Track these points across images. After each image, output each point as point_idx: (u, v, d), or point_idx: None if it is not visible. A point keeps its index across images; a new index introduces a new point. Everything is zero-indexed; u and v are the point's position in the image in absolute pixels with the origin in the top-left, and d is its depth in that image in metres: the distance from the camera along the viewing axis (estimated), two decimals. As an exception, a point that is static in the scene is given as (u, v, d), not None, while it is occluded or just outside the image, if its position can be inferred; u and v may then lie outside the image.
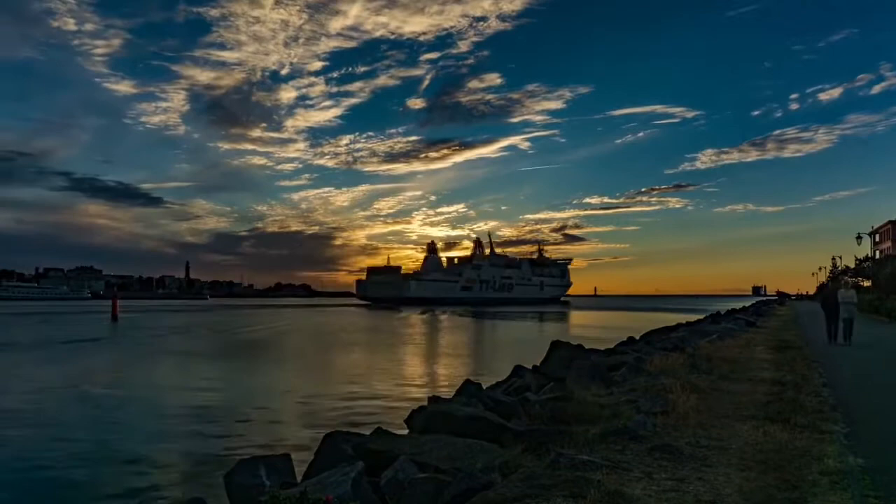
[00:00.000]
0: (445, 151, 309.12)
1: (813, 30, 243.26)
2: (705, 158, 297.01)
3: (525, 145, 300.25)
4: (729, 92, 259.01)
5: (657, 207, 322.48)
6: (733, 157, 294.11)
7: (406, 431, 8.81)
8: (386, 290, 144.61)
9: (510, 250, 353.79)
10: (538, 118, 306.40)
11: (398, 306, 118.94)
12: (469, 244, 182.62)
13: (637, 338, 25.43)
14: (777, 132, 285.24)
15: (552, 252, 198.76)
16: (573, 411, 8.25)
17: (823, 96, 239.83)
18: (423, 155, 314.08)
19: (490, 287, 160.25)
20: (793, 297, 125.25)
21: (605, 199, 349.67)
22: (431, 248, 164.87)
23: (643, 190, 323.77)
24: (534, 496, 4.77)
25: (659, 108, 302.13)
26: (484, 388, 12.64)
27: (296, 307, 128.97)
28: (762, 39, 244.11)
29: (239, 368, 26.97)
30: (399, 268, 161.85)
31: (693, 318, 45.15)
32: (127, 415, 16.25)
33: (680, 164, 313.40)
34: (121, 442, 13.09)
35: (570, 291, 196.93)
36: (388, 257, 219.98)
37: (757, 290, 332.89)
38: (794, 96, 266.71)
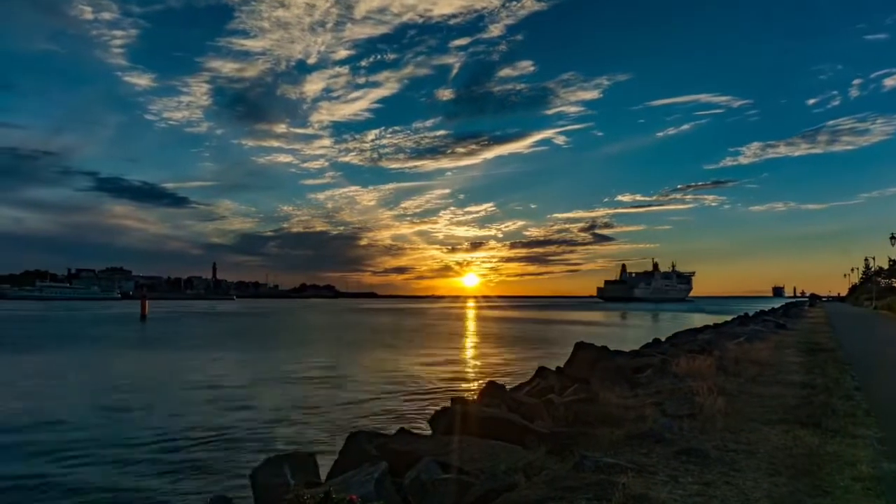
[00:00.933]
0: (474, 146, 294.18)
1: (879, 6, 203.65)
2: (749, 153, 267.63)
3: (558, 140, 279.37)
4: (781, 78, 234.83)
5: (691, 206, 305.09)
6: (780, 150, 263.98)
7: (429, 432, 8.82)
8: (619, 292, 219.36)
9: (536, 250, 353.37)
10: (572, 109, 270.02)
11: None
12: (496, 244, 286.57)
13: (662, 339, 25.12)
14: (831, 122, 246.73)
15: (581, 251, 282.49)
16: (597, 413, 8.18)
17: (889, 81, 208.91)
18: (451, 150, 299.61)
19: (658, 292, 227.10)
20: (823, 299, 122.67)
21: (638, 197, 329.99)
22: (624, 268, 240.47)
23: (679, 187, 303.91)
24: (558, 499, 4.74)
25: (703, 98, 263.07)
26: (507, 389, 12.60)
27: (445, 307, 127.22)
28: (820, 18, 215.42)
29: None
30: (627, 278, 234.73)
31: (723, 319, 44.48)
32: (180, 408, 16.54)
33: (721, 160, 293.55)
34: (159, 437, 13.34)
35: (585, 293, 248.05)
36: (624, 265, 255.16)
37: (778, 291, 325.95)
38: (856, 82, 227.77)
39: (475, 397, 12.31)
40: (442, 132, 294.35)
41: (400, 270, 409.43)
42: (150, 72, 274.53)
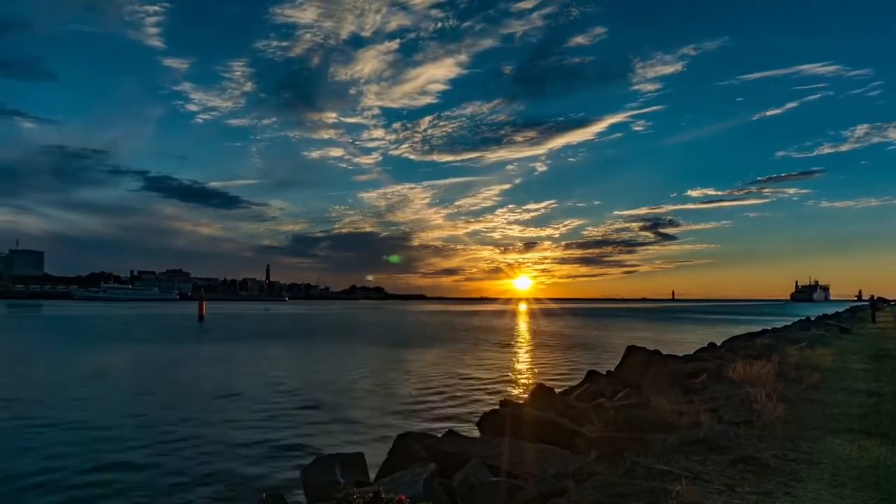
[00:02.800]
0: (536, 135, 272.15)
1: None
2: (853, 137, 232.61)
3: (629, 125, 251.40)
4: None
5: (768, 200, 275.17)
6: (890, 134, 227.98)
7: (478, 434, 8.81)
8: (805, 296, 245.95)
9: (592, 251, 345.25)
10: (649, 88, 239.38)
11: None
12: (550, 245, 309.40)
13: (718, 344, 24.42)
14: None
15: (640, 252, 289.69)
16: (650, 419, 8.00)
17: None
18: (510, 139, 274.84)
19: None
20: (892, 303, 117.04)
21: (710, 192, 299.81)
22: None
23: (760, 179, 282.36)
24: (608, 505, 4.66)
25: (808, 69, 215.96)
26: (556, 392, 12.49)
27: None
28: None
29: None
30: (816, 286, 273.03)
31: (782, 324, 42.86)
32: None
33: (817, 146, 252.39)
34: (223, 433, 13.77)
35: (642, 295, 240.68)
36: (813, 280, 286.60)
37: (809, 291, 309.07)
38: None
39: (524, 400, 12.25)
40: (502, 117, 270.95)
41: (450, 272, 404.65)
42: (189, 55, 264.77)
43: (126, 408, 17.29)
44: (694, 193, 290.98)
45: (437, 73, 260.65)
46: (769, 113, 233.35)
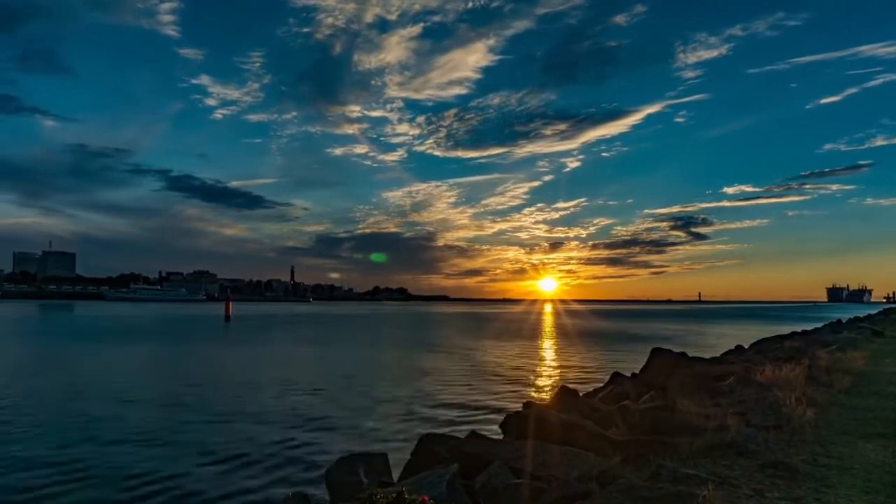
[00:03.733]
0: (564, 127, 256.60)
1: None
2: None
3: (666, 116, 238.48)
4: None
5: (808, 197, 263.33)
6: None
7: (500, 436, 8.78)
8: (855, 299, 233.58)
9: (619, 252, 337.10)
10: (690, 74, 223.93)
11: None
12: (577, 245, 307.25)
13: (746, 346, 24.01)
14: None
15: (670, 252, 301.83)
16: (675, 422, 7.89)
17: None
18: (540, 132, 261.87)
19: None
20: None
21: (747, 188, 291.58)
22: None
23: (803, 174, 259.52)
24: (633, 508, 4.60)
25: (867, 50, 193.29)
26: (580, 394, 12.40)
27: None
28: None
29: None
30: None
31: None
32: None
33: (869, 138, 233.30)
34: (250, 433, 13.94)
35: (668, 296, 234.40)
36: (859, 283, 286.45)
37: (836, 294, 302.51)
38: None
39: (547, 402, 12.18)
40: (531, 108, 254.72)
41: (474, 273, 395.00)
42: (205, 44, 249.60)
43: (157, 406, 17.60)
44: (730, 191, 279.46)
45: (465, 59, 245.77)
46: (824, 101, 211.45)
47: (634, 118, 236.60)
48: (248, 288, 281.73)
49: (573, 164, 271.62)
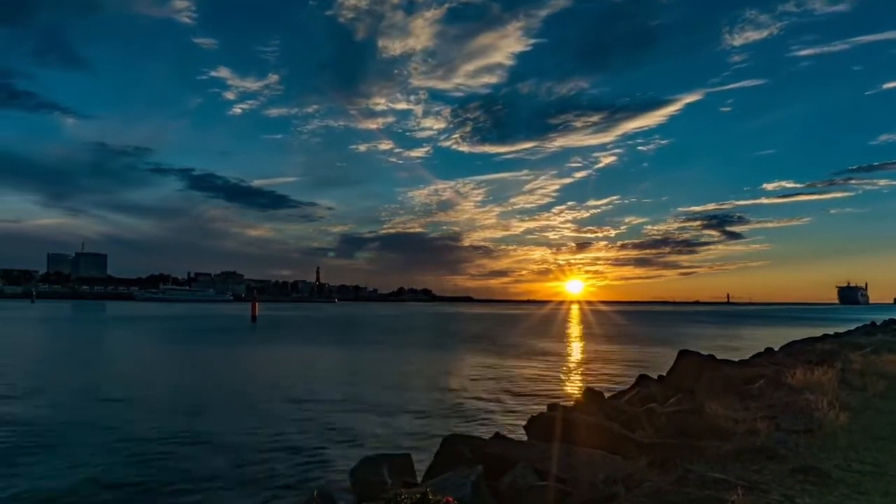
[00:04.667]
0: (597, 119, 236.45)
1: None
2: None
3: (707, 106, 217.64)
4: None
5: (853, 194, 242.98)
6: None
7: (525, 437, 8.74)
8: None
9: (649, 252, 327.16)
10: (735, 58, 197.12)
11: None
12: (606, 244, 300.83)
13: (776, 349, 23.56)
14: None
15: (702, 252, 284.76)
16: (703, 425, 7.78)
17: None
18: (572, 125, 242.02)
19: None
20: None
21: (788, 184, 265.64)
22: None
23: (850, 168, 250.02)
24: (660, 512, 4.54)
25: None
26: (606, 396, 12.29)
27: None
28: None
29: None
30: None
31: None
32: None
33: None
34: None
35: (696, 298, 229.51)
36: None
37: (851, 294, 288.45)
38: None
39: (572, 404, 12.09)
40: (564, 94, 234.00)
41: (499, 274, 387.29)
42: (221, 32, 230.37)
43: (180, 404, 17.89)
44: (769, 187, 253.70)
45: (496, 44, 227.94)
46: (887, 86, 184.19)
47: (673, 108, 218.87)
48: (275, 289, 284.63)
49: (606, 159, 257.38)
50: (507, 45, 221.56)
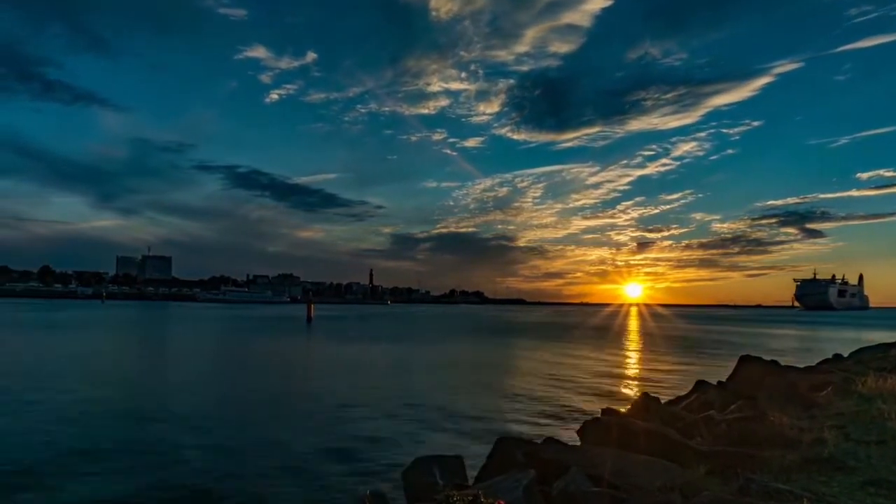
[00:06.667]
0: (671, 95, 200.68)
1: None
2: None
3: (807, 75, 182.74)
4: None
5: None
6: None
7: (578, 442, 8.61)
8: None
9: (714, 252, 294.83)
10: (853, 10, 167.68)
11: None
12: (668, 244, 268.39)
13: (845, 355, 22.45)
14: None
15: (775, 252, 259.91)
16: (766, 434, 7.48)
17: None
18: (643, 105, 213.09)
19: None
20: None
21: (887, 173, 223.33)
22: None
23: None
24: (719, 523, 4.39)
25: None
26: (662, 402, 11.99)
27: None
28: None
29: None
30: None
31: None
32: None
33: None
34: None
35: (759, 301, 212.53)
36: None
37: (814, 291, 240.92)
38: None
39: (627, 409, 11.85)
40: (636, 68, 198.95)
41: (554, 275, 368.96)
42: (250, 2, 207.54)
43: (242, 402, 18.43)
44: (864, 176, 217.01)
45: (562, 4, 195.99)
46: None
47: (762, 80, 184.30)
48: (329, 291, 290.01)
49: (685, 146, 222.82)
50: (577, 8, 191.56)
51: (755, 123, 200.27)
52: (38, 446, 12.81)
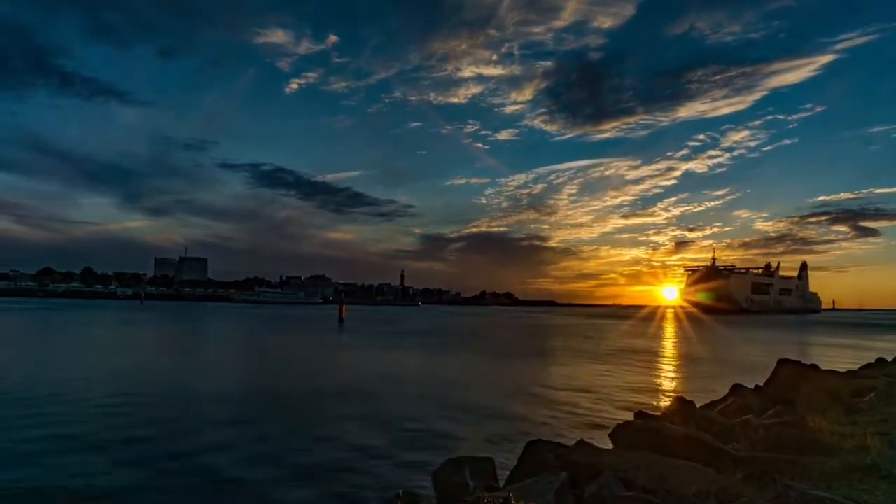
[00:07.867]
0: (720, 77, 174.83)
1: None
2: None
3: (875, 49, 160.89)
4: None
5: None
6: None
7: (610, 446, 8.52)
8: None
9: (755, 252, 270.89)
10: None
11: None
12: (709, 243, 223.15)
13: (889, 359, 21.75)
14: None
15: (822, 253, 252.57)
16: (805, 439, 7.30)
17: None
18: (690, 90, 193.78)
19: None
20: None
21: None
22: None
23: None
24: (756, 530, 4.29)
25: None
26: (697, 406, 11.79)
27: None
28: None
29: None
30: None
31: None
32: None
33: None
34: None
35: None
36: None
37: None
38: None
39: (661, 412, 11.68)
40: (682, 27, 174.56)
41: (586, 276, 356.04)
42: None
43: (275, 399, 18.69)
44: None
45: None
46: None
47: (824, 57, 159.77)
48: (360, 292, 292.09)
49: (736, 136, 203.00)
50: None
51: (818, 108, 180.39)
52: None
